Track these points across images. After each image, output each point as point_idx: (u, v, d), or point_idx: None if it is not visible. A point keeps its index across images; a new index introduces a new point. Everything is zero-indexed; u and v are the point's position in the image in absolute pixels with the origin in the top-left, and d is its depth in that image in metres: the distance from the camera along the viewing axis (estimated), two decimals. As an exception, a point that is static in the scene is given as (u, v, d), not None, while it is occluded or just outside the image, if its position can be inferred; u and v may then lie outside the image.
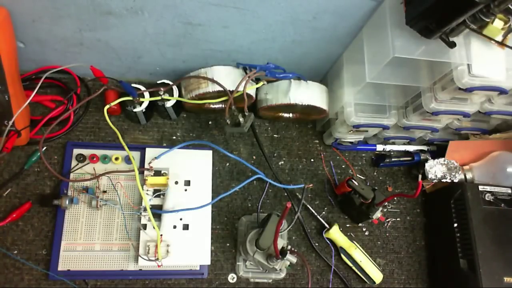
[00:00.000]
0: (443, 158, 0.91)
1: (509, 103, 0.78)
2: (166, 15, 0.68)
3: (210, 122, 0.92)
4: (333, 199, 0.92)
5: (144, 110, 0.82)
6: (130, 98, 0.79)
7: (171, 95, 0.83)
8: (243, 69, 0.79)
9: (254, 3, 0.66)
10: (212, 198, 0.81)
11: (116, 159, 0.82)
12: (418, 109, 0.79)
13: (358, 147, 0.96)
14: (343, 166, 0.95)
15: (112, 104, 0.78)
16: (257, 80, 0.84)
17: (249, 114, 0.79)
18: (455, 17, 0.57)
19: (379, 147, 0.97)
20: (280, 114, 0.93)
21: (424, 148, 0.98)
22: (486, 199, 0.86)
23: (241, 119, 0.79)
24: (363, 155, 0.98)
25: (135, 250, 0.77)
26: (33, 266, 0.75)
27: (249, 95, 0.81)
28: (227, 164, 0.89)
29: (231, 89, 0.77)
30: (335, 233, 0.87)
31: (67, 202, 0.76)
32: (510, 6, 0.55)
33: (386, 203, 0.93)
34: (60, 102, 0.84)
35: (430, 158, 0.95)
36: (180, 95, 0.83)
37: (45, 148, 0.82)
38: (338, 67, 0.85)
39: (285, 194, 0.89)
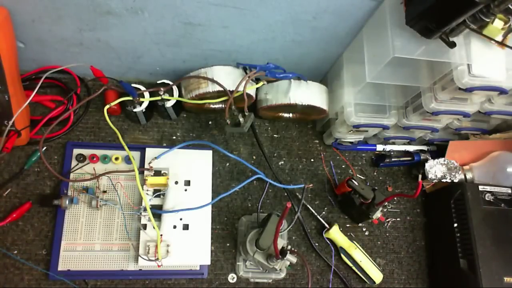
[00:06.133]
0: (443, 158, 0.91)
1: (509, 103, 0.78)
2: (166, 15, 0.68)
3: (210, 122, 0.92)
4: (333, 199, 0.92)
5: (144, 110, 0.82)
6: (130, 98, 0.79)
7: (171, 95, 0.83)
8: (243, 69, 0.79)
9: (254, 3, 0.66)
10: (212, 198, 0.81)
11: (116, 159, 0.82)
12: (418, 109, 0.79)
13: (358, 147, 0.96)
14: (343, 166, 0.96)
15: (112, 104, 0.78)
16: (257, 80, 0.84)
17: (249, 114, 0.79)
18: (455, 17, 0.57)
19: (379, 147, 0.97)
20: (280, 114, 0.93)
21: (424, 148, 0.98)
22: (486, 199, 0.86)
23: (241, 119, 0.79)
24: (363, 155, 0.98)
25: (135, 250, 0.77)
26: (33, 266, 0.75)
27: (249, 95, 0.81)
28: (227, 164, 0.89)
29: (231, 89, 0.77)
30: (335, 233, 0.87)
31: (67, 202, 0.76)
32: (510, 6, 0.55)
33: (386, 203, 0.93)
34: (60, 102, 0.84)
35: (430, 158, 0.95)
36: (180, 95, 0.83)
37: (45, 148, 0.82)
38: (338, 67, 0.85)
39: (285, 194, 0.89)
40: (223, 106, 0.88)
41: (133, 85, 0.81)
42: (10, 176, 0.79)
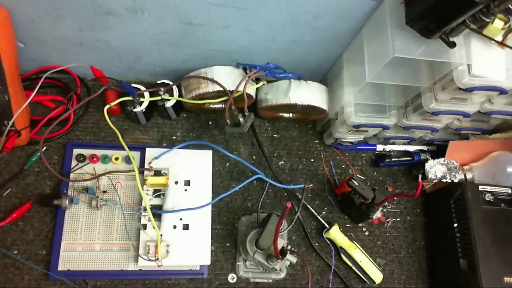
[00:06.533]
0: (443, 158, 0.91)
1: (509, 103, 0.78)
2: (166, 15, 0.68)
3: (210, 122, 0.92)
4: (333, 199, 0.92)
5: (144, 110, 0.82)
6: (130, 98, 0.79)
7: (171, 95, 0.83)
8: (243, 69, 0.79)
9: (254, 3, 0.66)
10: (212, 198, 0.81)
11: (116, 159, 0.82)
12: (418, 109, 0.79)
13: (358, 147, 0.96)
14: (343, 166, 0.96)
15: (112, 104, 0.78)
16: (257, 80, 0.84)
17: (249, 114, 0.79)
18: (455, 17, 0.57)
19: (379, 147, 0.97)
20: (280, 114, 0.93)
21: (424, 148, 0.98)
22: (486, 199, 0.86)
23: (241, 119, 0.79)
24: (363, 155, 0.98)
25: (135, 250, 0.77)
26: (33, 266, 0.75)
27: (249, 95, 0.81)
28: (227, 164, 0.89)
29: (231, 89, 0.77)
30: (335, 233, 0.87)
31: (67, 202, 0.76)
32: (510, 6, 0.55)
33: (386, 203, 0.93)
34: (60, 102, 0.84)
35: (430, 158, 0.95)
36: (180, 95, 0.83)
37: (45, 148, 0.82)
38: (338, 67, 0.85)
39: (285, 194, 0.89)
40: (223, 106, 0.88)
41: (133, 85, 0.81)
42: (10, 176, 0.79)
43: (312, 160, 0.94)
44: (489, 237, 0.82)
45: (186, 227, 0.79)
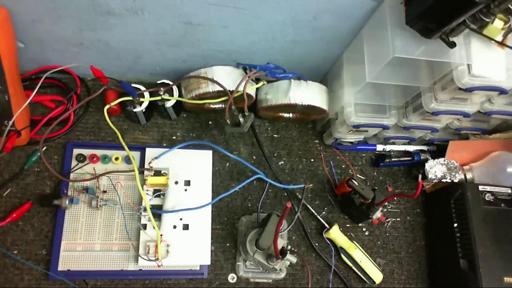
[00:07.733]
0: (443, 158, 0.91)
1: (509, 103, 0.78)
2: (166, 15, 0.68)
3: (210, 122, 0.92)
4: (333, 199, 0.92)
5: (144, 110, 0.82)
6: (130, 98, 0.79)
7: (171, 95, 0.83)
8: (243, 69, 0.79)
9: (254, 3, 0.66)
10: (212, 198, 0.82)
11: (116, 159, 0.82)
12: (418, 109, 0.79)
13: (358, 147, 0.96)
14: (343, 166, 0.96)
15: (112, 104, 0.78)
16: (257, 80, 0.84)
17: (249, 114, 0.79)
18: (455, 17, 0.57)
19: (379, 147, 0.97)
20: (280, 114, 0.93)
21: (424, 148, 0.98)
22: (486, 199, 0.86)
23: (241, 119, 0.79)
24: (363, 155, 0.98)
25: (135, 250, 0.77)
26: (33, 266, 0.75)
27: (249, 95, 0.81)
28: (227, 164, 0.89)
29: (231, 89, 0.77)
30: (335, 233, 0.87)
31: (67, 202, 0.76)
32: (510, 6, 0.55)
33: (386, 203, 0.93)
34: (60, 102, 0.84)
35: (430, 158, 0.95)
36: (180, 95, 0.83)
37: (45, 148, 0.82)
38: (338, 67, 0.85)
39: (285, 194, 0.89)
40: (223, 106, 0.88)
41: (133, 85, 0.81)
42: (10, 176, 0.79)
43: (312, 160, 0.94)
44: (489, 237, 0.82)
45: (186, 227, 0.79)
